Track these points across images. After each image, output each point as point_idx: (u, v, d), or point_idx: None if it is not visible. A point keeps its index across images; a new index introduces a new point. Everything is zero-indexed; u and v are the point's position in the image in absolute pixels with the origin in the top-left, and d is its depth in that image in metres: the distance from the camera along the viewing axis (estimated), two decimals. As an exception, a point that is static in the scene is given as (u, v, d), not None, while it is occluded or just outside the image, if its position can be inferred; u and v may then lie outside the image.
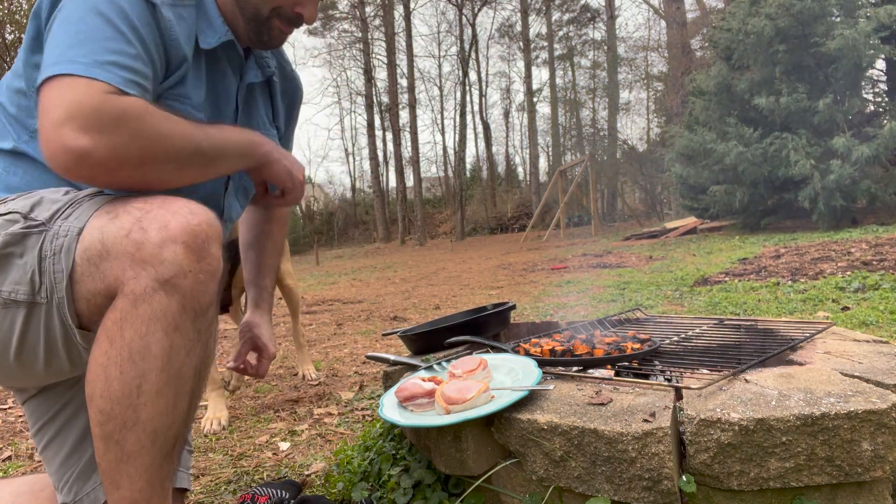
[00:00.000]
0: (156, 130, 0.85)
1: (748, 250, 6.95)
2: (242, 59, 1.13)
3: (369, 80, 26.07)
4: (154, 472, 0.83)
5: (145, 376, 0.80)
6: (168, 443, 0.84)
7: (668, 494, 0.92)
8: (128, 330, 0.80)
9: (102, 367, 0.80)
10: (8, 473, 1.81)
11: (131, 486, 0.82)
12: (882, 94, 10.15)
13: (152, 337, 0.80)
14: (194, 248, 0.82)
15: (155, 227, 0.81)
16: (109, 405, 0.80)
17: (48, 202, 0.88)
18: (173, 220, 0.82)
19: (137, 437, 0.81)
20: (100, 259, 0.81)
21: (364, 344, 3.61)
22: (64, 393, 1.04)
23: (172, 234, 0.81)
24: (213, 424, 2.10)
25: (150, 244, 0.80)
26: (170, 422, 0.83)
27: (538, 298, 4.81)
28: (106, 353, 0.80)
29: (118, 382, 0.79)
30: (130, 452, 0.81)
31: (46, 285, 0.83)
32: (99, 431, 0.81)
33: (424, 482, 1.24)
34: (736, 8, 10.24)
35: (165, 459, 0.85)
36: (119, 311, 0.80)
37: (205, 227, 0.83)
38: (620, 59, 27.37)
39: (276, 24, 1.08)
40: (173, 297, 0.81)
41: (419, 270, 9.84)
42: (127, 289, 0.80)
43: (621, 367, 1.29)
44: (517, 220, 26.54)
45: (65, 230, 0.83)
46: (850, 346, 1.28)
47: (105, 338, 0.81)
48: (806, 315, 3.02)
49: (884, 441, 0.88)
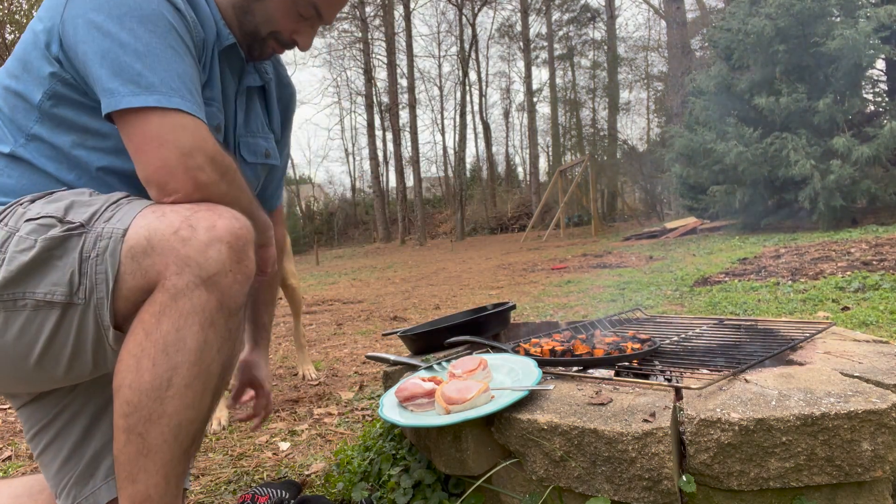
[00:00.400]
0: (241, 187, 0.96)
1: (748, 250, 6.95)
2: (244, 63, 1.14)
3: (369, 80, 26.06)
4: (171, 468, 0.84)
5: (177, 369, 0.82)
6: (188, 439, 0.86)
7: (668, 494, 0.92)
8: (165, 322, 0.82)
9: (135, 357, 0.82)
10: (8, 474, 1.81)
11: (147, 480, 0.83)
12: (882, 94, 10.15)
13: (188, 330, 0.82)
14: (236, 249, 0.85)
15: (203, 227, 0.84)
16: (137, 396, 0.81)
17: (82, 204, 0.90)
18: (220, 222, 0.85)
19: (161, 431, 0.82)
20: (144, 255, 0.83)
21: (364, 344, 3.61)
22: (61, 399, 1.03)
23: (219, 234, 0.84)
24: (213, 424, 2.10)
25: (197, 241, 0.83)
26: (193, 416, 0.85)
27: (538, 298, 4.81)
28: (140, 345, 0.82)
29: (149, 374, 0.81)
30: (151, 446, 0.82)
31: (86, 286, 0.85)
32: (123, 423, 0.82)
33: (424, 482, 1.24)
34: (736, 8, 10.23)
35: (183, 456, 0.86)
36: (158, 304, 0.82)
37: (245, 231, 0.88)
38: (620, 59, 27.38)
39: (270, 44, 1.10)
40: (213, 293, 0.83)
41: (419, 270, 9.84)
42: (168, 283, 0.82)
43: (621, 367, 1.29)
44: (517, 220, 26.52)
45: (108, 232, 0.85)
46: (850, 346, 1.28)
47: (141, 329, 0.83)
48: (806, 315, 3.02)
49: (884, 441, 0.88)
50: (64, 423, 1.03)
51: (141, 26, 0.88)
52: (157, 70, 0.87)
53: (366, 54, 25.74)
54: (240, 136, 1.17)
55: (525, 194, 28.95)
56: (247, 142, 1.19)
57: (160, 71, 0.87)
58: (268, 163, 1.25)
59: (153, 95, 0.86)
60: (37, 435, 1.04)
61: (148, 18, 0.88)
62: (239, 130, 1.17)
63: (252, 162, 1.21)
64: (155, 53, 0.88)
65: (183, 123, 0.87)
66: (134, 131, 0.87)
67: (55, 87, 0.93)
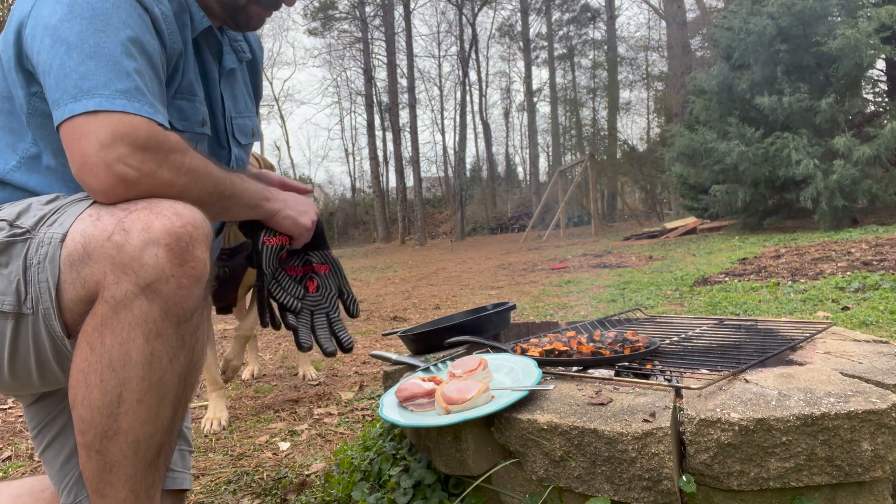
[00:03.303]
0: (194, 173, 0.87)
1: (748, 250, 6.95)
2: (220, 44, 1.10)
3: (369, 80, 26.05)
4: (138, 481, 0.81)
5: (126, 384, 0.77)
6: (151, 451, 0.81)
7: (668, 494, 0.92)
8: (108, 336, 0.77)
9: (83, 373, 0.78)
10: (8, 474, 1.81)
11: (115, 495, 0.80)
12: (882, 95, 10.15)
13: (132, 344, 0.77)
14: (177, 251, 0.78)
15: (137, 229, 0.77)
16: (90, 413, 0.77)
17: (35, 208, 0.86)
18: (156, 222, 0.78)
19: (119, 447, 0.78)
20: (81, 264, 0.78)
21: (364, 344, 3.61)
22: (63, 398, 1.03)
23: (154, 236, 0.77)
24: (213, 424, 2.10)
25: (130, 247, 0.77)
26: (152, 431, 0.80)
27: (538, 298, 4.81)
28: (86, 360, 0.77)
29: (98, 390, 0.77)
30: (112, 462, 0.79)
31: (32, 296, 0.80)
32: (81, 440, 0.79)
33: (424, 482, 1.24)
34: (738, 6, 10.22)
35: (149, 468, 0.82)
36: (99, 317, 0.77)
37: (190, 229, 0.80)
38: (620, 59, 27.38)
39: (253, 10, 1.06)
40: (154, 302, 0.77)
41: (419, 270, 9.83)
42: (107, 294, 0.77)
43: (621, 367, 1.29)
44: (517, 220, 26.53)
45: (49, 237, 0.80)
46: (850, 346, 1.28)
47: (85, 344, 0.78)
48: (806, 315, 3.02)
49: (884, 441, 0.88)
50: (66, 422, 1.03)
51: (90, 25, 0.83)
52: (99, 73, 0.82)
53: (366, 54, 25.72)
54: (234, 119, 1.15)
55: (525, 194, 28.98)
56: (238, 123, 1.17)
57: (103, 73, 0.82)
58: (255, 141, 1.23)
59: (94, 99, 0.80)
60: (40, 433, 1.05)
61: (98, 16, 0.84)
62: (229, 113, 1.14)
63: (244, 143, 1.19)
64: (103, 53, 0.82)
65: (112, 117, 0.81)
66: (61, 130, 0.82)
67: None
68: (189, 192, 0.86)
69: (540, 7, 27.40)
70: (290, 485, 1.53)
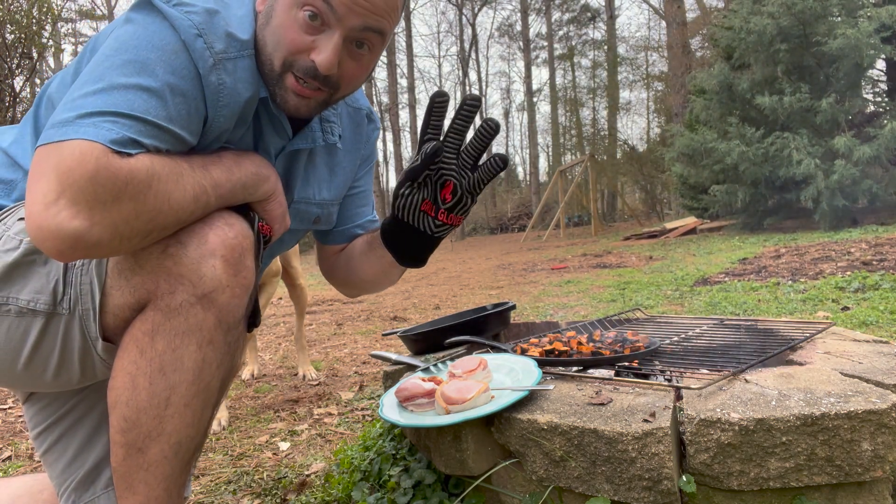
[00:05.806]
0: (165, 198, 0.74)
1: (748, 250, 6.95)
2: (277, 119, 0.97)
3: (369, 79, 26.04)
4: (172, 481, 0.83)
5: (175, 389, 0.79)
6: (189, 453, 0.84)
7: (668, 494, 0.92)
8: (160, 342, 0.78)
9: (130, 375, 0.79)
10: (8, 474, 1.81)
11: (148, 493, 0.81)
12: (882, 95, 10.14)
13: (185, 350, 0.79)
14: (232, 262, 0.80)
15: (194, 242, 0.78)
16: (135, 414, 0.79)
17: None
18: (211, 234, 0.79)
19: (161, 448, 0.80)
20: (131, 272, 0.79)
21: (364, 344, 3.61)
22: (68, 399, 1.03)
23: (211, 248, 0.79)
24: (213, 425, 2.10)
25: (188, 259, 0.78)
26: (194, 433, 0.83)
27: (538, 298, 4.81)
28: (135, 363, 0.78)
29: (146, 393, 0.78)
30: (151, 461, 0.80)
31: (70, 296, 0.81)
32: (121, 438, 0.80)
33: (424, 482, 1.24)
34: (738, 6, 10.22)
35: (185, 468, 0.84)
36: (151, 323, 0.78)
37: (241, 239, 0.82)
38: (620, 59, 27.39)
39: (289, 81, 0.89)
40: (210, 311, 0.79)
41: (419, 270, 9.83)
42: (161, 302, 0.78)
43: (621, 367, 1.29)
44: (517, 220, 26.54)
45: None
46: (850, 346, 1.28)
47: (134, 347, 0.79)
48: (806, 315, 3.02)
49: (884, 441, 0.88)
50: (68, 427, 1.03)
51: (124, 66, 0.76)
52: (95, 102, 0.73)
53: (366, 54, 25.70)
54: (293, 203, 1.07)
55: (525, 194, 28.99)
56: (297, 208, 1.08)
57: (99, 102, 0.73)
58: (317, 228, 1.17)
59: (62, 129, 0.71)
60: (41, 434, 1.04)
61: (139, 61, 0.76)
62: (291, 195, 1.05)
63: (294, 228, 1.10)
64: (113, 89, 0.74)
65: (61, 149, 0.69)
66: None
67: None
68: (166, 224, 0.77)
69: (540, 7, 27.42)
70: (290, 485, 1.53)
